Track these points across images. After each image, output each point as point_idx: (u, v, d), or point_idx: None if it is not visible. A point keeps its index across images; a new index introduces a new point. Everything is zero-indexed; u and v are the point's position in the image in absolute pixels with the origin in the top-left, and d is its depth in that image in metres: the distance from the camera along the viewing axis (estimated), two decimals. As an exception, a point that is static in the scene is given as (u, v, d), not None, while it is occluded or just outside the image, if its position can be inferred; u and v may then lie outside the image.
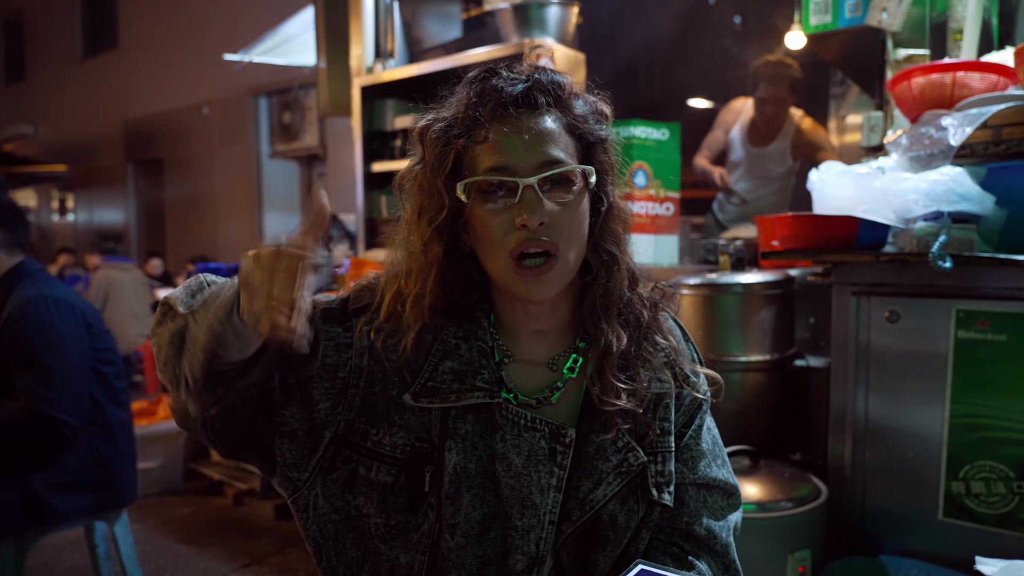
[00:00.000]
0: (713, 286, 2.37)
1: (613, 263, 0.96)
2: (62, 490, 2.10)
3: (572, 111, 0.93)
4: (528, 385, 0.98)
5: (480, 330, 0.97)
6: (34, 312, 2.05)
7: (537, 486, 0.92)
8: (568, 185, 0.90)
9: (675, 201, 3.17)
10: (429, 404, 0.92)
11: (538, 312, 0.97)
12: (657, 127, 3.10)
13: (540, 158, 0.88)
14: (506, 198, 0.88)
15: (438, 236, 0.92)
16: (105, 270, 6.38)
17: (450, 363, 0.94)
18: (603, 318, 0.96)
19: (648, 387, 0.97)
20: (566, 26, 3.12)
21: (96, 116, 12.33)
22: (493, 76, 0.92)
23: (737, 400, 2.35)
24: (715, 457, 1.06)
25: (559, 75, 0.95)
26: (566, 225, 0.89)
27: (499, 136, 0.88)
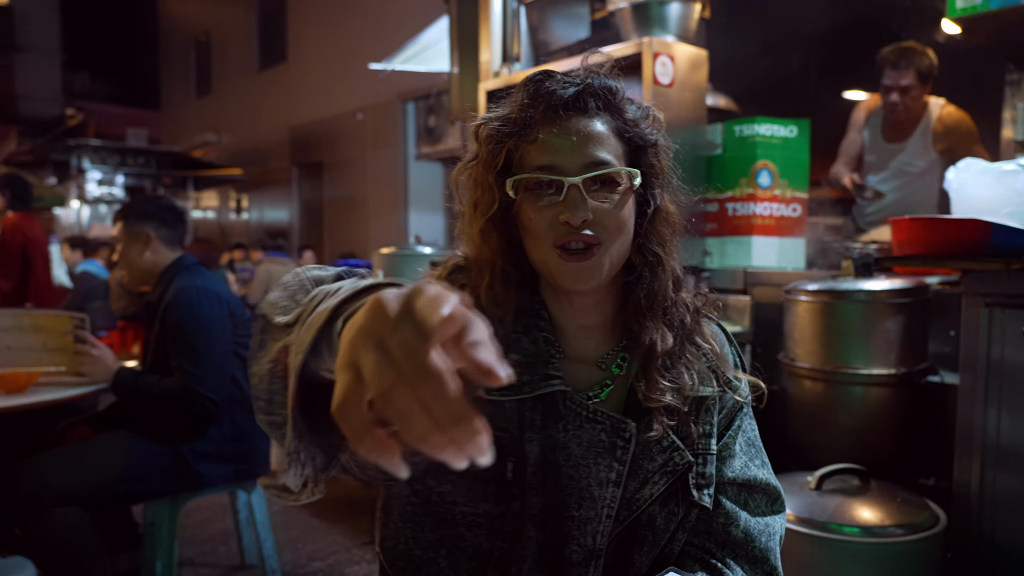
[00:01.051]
0: (833, 293, 2.24)
1: (657, 264, 0.98)
2: (206, 459, 2.37)
3: (622, 115, 0.97)
4: (578, 382, 1.00)
5: (541, 321, 1.00)
6: (187, 301, 2.33)
7: (596, 479, 0.94)
8: (613, 186, 0.93)
9: (803, 202, 3.00)
10: (502, 396, 0.94)
11: (583, 306, 1.00)
12: (784, 124, 2.96)
13: (586, 159, 0.92)
14: (552, 196, 0.93)
15: (492, 227, 0.97)
16: (266, 264, 7.03)
17: (515, 356, 0.96)
18: (648, 317, 0.98)
19: (692, 388, 0.97)
20: (688, 23, 3.05)
21: (267, 124, 13.55)
22: (547, 79, 0.96)
23: (856, 416, 2.20)
24: (753, 458, 1.05)
25: (612, 80, 0.97)
26: (609, 222, 0.92)
27: (548, 136, 0.93)
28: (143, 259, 2.44)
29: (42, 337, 2.35)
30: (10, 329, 2.34)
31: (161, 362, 2.37)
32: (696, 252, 3.02)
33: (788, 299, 2.38)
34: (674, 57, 2.88)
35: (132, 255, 2.44)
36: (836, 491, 1.78)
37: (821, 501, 1.74)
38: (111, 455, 2.22)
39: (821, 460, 2.05)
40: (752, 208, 2.92)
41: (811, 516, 1.69)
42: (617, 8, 3.15)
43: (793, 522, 1.71)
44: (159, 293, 2.42)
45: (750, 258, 2.89)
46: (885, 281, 2.20)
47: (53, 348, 2.35)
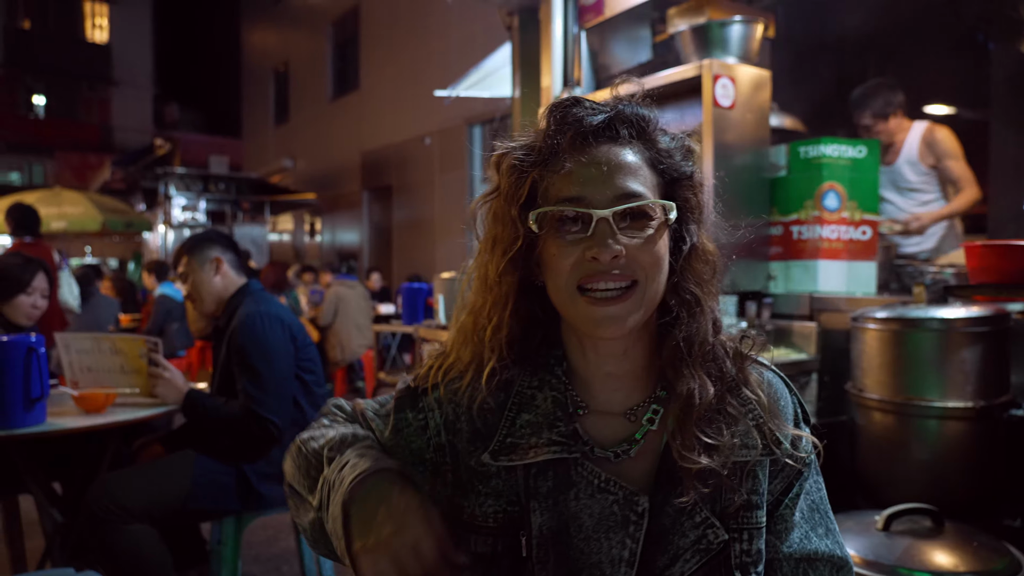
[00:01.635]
0: (904, 320, 2.13)
1: (695, 304, 0.89)
2: (268, 479, 2.44)
3: (656, 145, 0.90)
4: (605, 437, 0.92)
5: (554, 379, 0.93)
6: (251, 326, 2.42)
7: (607, 556, 0.86)
8: (646, 220, 0.85)
9: (873, 224, 2.89)
10: (509, 462, 0.89)
11: (610, 353, 0.91)
12: (853, 144, 2.86)
13: (617, 191, 0.85)
14: (580, 231, 0.85)
15: (512, 267, 0.90)
16: (335, 287, 7.23)
17: (527, 416, 0.91)
18: (685, 364, 0.88)
19: (734, 446, 0.86)
20: (750, 43, 2.99)
21: (340, 149, 14.04)
22: (575, 105, 0.90)
23: (931, 451, 2.08)
24: (816, 526, 0.93)
25: (644, 108, 0.91)
26: (644, 259, 0.85)
27: (576, 166, 0.86)
28: (214, 283, 2.55)
29: (119, 359, 2.48)
30: (91, 352, 2.49)
31: (227, 385, 2.46)
32: (760, 276, 2.93)
33: (856, 327, 2.28)
34: (735, 79, 2.83)
35: (204, 280, 2.55)
36: (906, 532, 1.68)
37: (889, 543, 1.65)
38: (178, 474, 2.31)
39: (892, 498, 1.94)
40: (818, 231, 2.82)
41: (877, 559, 1.59)
42: (677, 31, 3.12)
43: (859, 564, 1.62)
44: (226, 318, 2.52)
45: (816, 283, 2.79)
46: (961, 308, 2.08)
47: (129, 370, 2.48)
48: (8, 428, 2.10)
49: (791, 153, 2.90)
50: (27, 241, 4.64)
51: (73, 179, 18.57)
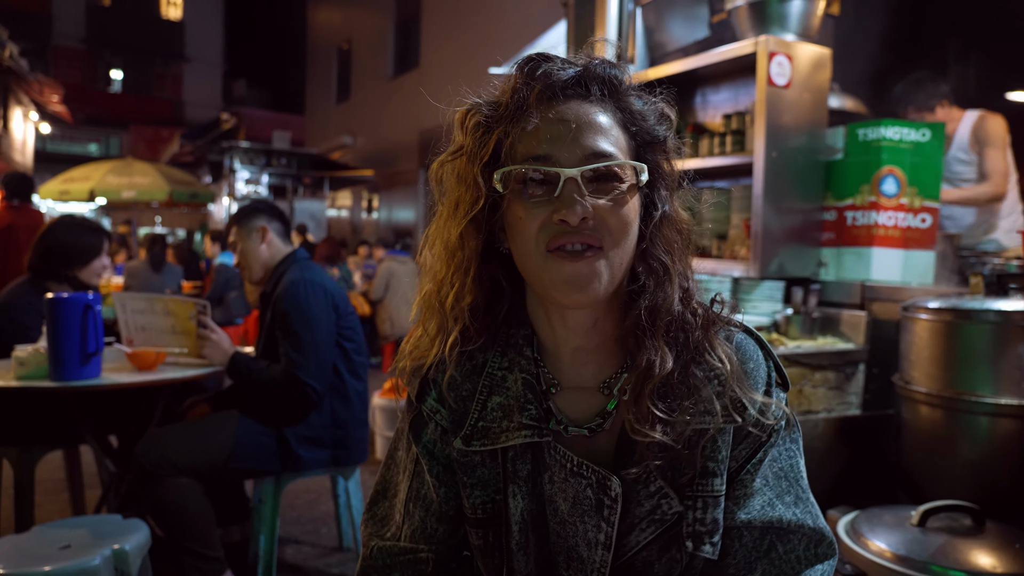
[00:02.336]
0: (957, 312, 2.04)
1: (663, 272, 0.85)
2: (307, 442, 2.51)
3: (628, 106, 0.86)
4: (579, 413, 0.89)
5: (523, 359, 0.89)
6: (295, 292, 2.48)
7: (584, 538, 0.86)
8: (616, 182, 0.81)
9: (933, 212, 2.76)
10: (481, 446, 0.87)
11: (578, 324, 0.87)
12: (916, 127, 2.72)
13: (586, 150, 0.80)
14: (547, 192, 0.81)
15: (475, 230, 0.86)
16: (387, 262, 7.34)
17: (498, 398, 0.88)
18: (648, 334, 0.84)
19: (690, 420, 0.83)
20: (810, 20, 2.87)
21: (398, 127, 14.16)
22: (545, 61, 0.85)
23: (980, 449, 2.00)
24: (782, 494, 0.87)
25: (618, 67, 0.87)
26: (612, 223, 0.81)
27: (543, 123, 0.82)
28: (260, 251, 2.63)
29: (171, 320, 2.58)
30: (145, 312, 2.59)
31: (271, 349, 2.54)
32: (809, 262, 2.84)
33: (906, 316, 2.19)
34: (792, 57, 2.73)
35: (251, 249, 2.63)
36: (943, 530, 1.62)
37: (924, 539, 1.59)
38: (222, 433, 2.40)
39: (935, 495, 1.87)
40: (874, 217, 2.70)
41: (909, 555, 1.54)
42: (734, 6, 3.02)
43: (889, 559, 1.57)
44: (272, 285, 2.59)
45: (869, 271, 2.68)
46: (1020, 301, 1.97)
47: (180, 331, 2.58)
48: (65, 380, 2.22)
49: (849, 135, 2.79)
50: (14, 205, 4.92)
51: (146, 151, 19.34)
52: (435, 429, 0.92)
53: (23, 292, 2.75)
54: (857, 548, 1.66)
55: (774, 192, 2.71)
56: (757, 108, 2.72)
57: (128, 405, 2.74)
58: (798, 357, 2.41)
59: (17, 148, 13.17)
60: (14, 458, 2.58)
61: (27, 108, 12.74)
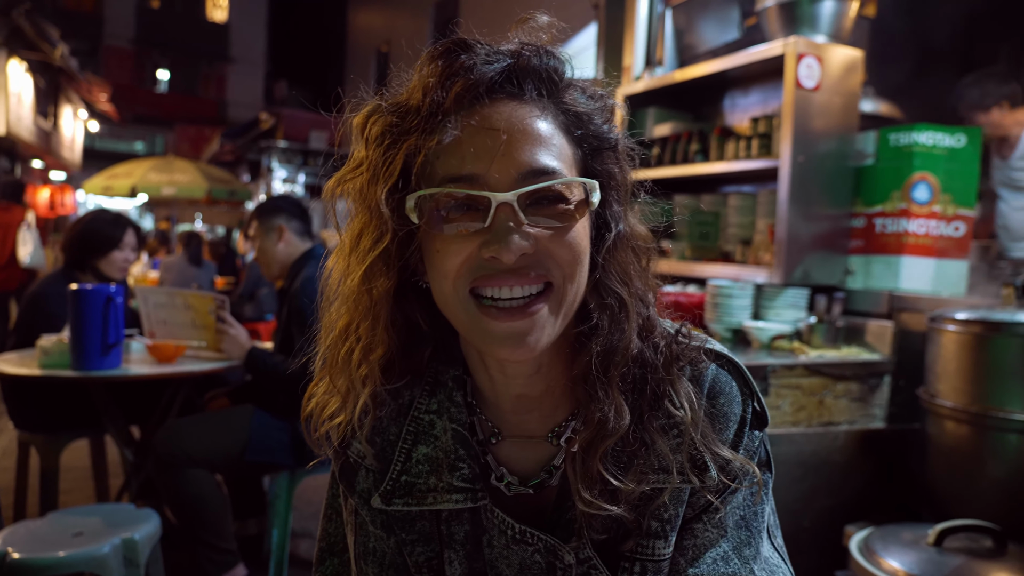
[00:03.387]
0: (987, 324, 1.96)
1: (619, 307, 0.71)
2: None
3: (572, 106, 0.70)
4: (524, 465, 0.77)
5: (453, 406, 0.76)
6: (312, 288, 2.48)
7: None
8: (562, 204, 0.66)
9: (968, 220, 2.66)
10: (405, 506, 0.75)
11: (519, 372, 0.73)
12: (951, 132, 2.63)
13: (523, 166, 0.65)
14: (474, 220, 0.66)
15: (384, 267, 0.70)
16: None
17: (424, 449, 0.76)
18: (600, 383, 0.70)
19: (642, 481, 0.71)
20: (842, 21, 2.80)
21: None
22: (463, 51, 0.68)
23: (1007, 467, 1.91)
24: (740, 546, 0.74)
25: (557, 55, 0.71)
26: (562, 254, 0.66)
27: (466, 134, 0.65)
28: (277, 250, 2.65)
29: (191, 314, 2.62)
30: (166, 305, 2.64)
31: (287, 345, 2.56)
32: (836, 270, 2.76)
33: (933, 327, 2.11)
34: (822, 59, 2.66)
35: (268, 247, 2.66)
36: (961, 551, 1.55)
37: (940, 559, 1.52)
38: (237, 426, 2.43)
39: (960, 514, 1.79)
40: (904, 225, 2.62)
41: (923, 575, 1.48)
42: (764, 7, 2.96)
43: (902, 579, 1.51)
44: (290, 281, 2.62)
45: (898, 280, 2.60)
46: (1055, 314, 1.89)
47: (199, 325, 2.62)
48: (86, 370, 2.26)
49: (880, 140, 2.70)
50: None
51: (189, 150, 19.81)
52: (367, 476, 0.79)
53: (54, 281, 2.82)
54: (869, 566, 1.60)
55: (800, 197, 2.64)
56: (784, 111, 2.66)
57: (149, 396, 2.79)
58: (820, 367, 2.34)
59: (66, 145, 13.60)
60: (41, 445, 2.65)
61: (76, 106, 13.16)
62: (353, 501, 0.80)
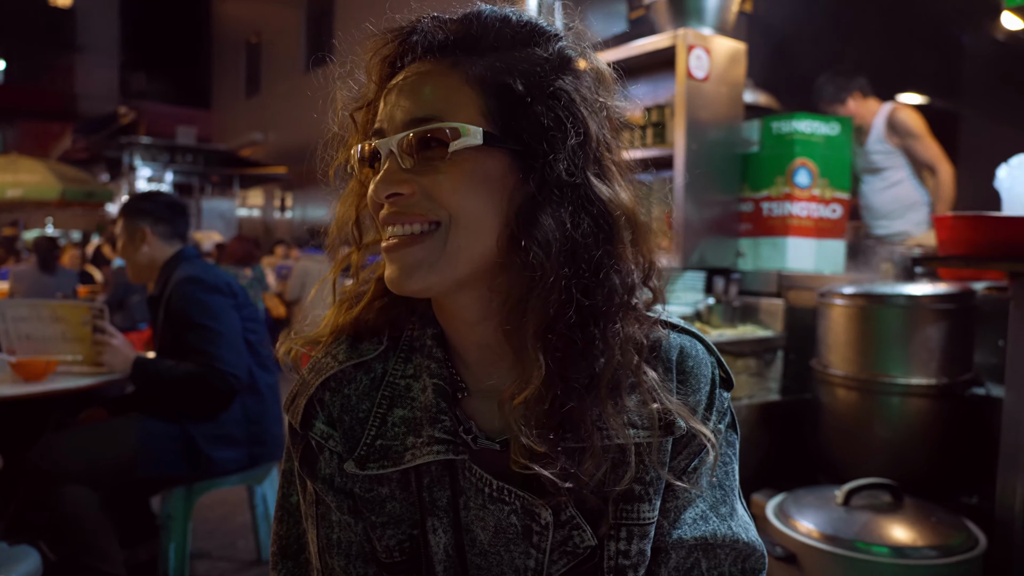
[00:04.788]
0: (870, 297, 2.11)
1: (539, 266, 0.67)
2: (218, 442, 2.35)
3: (495, 54, 0.70)
4: (490, 421, 0.76)
5: (433, 362, 0.76)
6: (191, 288, 2.33)
7: (511, 567, 0.74)
8: (442, 148, 0.67)
9: (844, 203, 2.86)
10: (380, 469, 0.73)
11: (462, 319, 0.74)
12: (825, 121, 2.82)
13: (406, 116, 0.70)
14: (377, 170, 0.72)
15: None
16: (303, 261, 7.09)
17: (400, 411, 0.75)
18: (529, 342, 0.69)
19: (605, 444, 0.70)
20: (726, 15, 2.93)
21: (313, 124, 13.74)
22: (419, 22, 0.74)
23: (894, 428, 2.07)
24: (716, 504, 0.78)
25: (501, 10, 0.72)
26: (442, 195, 0.68)
27: (389, 90, 0.73)
28: (140, 254, 2.46)
29: (61, 327, 2.37)
30: (29, 319, 2.37)
31: (169, 354, 2.36)
32: (729, 253, 2.89)
33: (823, 303, 2.25)
34: (710, 50, 2.77)
35: (130, 251, 2.46)
36: (866, 507, 1.66)
37: (848, 517, 1.63)
38: (121, 436, 2.22)
39: (854, 474, 1.92)
40: (788, 208, 2.78)
41: (836, 533, 1.57)
42: (653, 0, 3.05)
43: (817, 539, 1.60)
44: (161, 287, 2.43)
45: (785, 260, 2.76)
46: (927, 286, 2.06)
47: (72, 337, 2.37)
48: (-64, 394, 1.99)
49: (764, 128, 2.86)
50: None
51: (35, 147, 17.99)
52: (331, 457, 0.76)
53: None
54: (786, 530, 1.68)
55: (694, 184, 2.75)
56: (677, 101, 2.75)
57: (15, 421, 2.49)
58: (721, 345, 2.44)
59: None
60: None
61: None
62: (316, 488, 0.77)
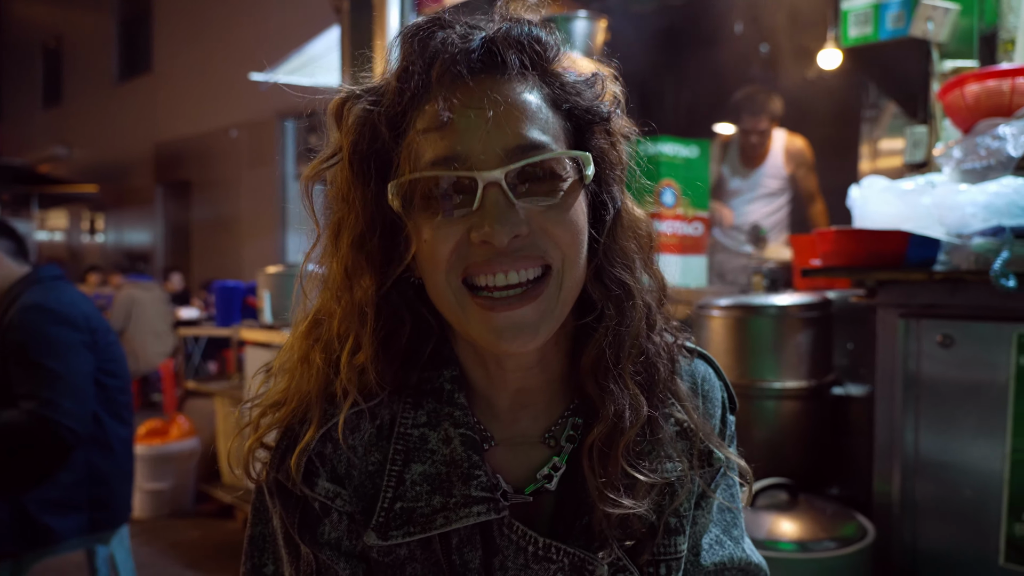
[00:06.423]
0: (746, 308, 2.25)
1: (626, 296, 0.68)
2: (55, 508, 2.01)
3: (558, 78, 0.67)
4: (519, 471, 0.71)
5: (456, 410, 0.69)
6: (34, 318, 1.98)
7: None
8: (555, 180, 0.63)
9: (704, 220, 3.05)
10: (406, 536, 0.66)
11: (518, 366, 0.69)
12: (686, 144, 3.00)
13: (510, 142, 0.61)
14: (462, 203, 0.62)
15: (368, 264, 0.66)
16: (128, 289, 6.39)
17: (419, 467, 0.68)
18: (612, 376, 0.68)
19: (657, 476, 0.69)
20: (594, 41, 3.05)
21: (128, 139, 12.57)
22: (439, 28, 0.64)
23: (771, 429, 2.21)
24: (728, 528, 0.79)
25: (540, 27, 0.68)
26: (560, 233, 0.63)
27: (449, 112, 0.62)
28: None
29: None
30: None
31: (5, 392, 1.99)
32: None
33: (700, 314, 2.37)
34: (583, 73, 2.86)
35: None
36: (769, 507, 1.75)
37: (755, 519, 1.70)
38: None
39: (739, 477, 2.03)
40: (657, 226, 2.92)
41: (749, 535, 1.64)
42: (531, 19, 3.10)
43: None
44: (2, 311, 2.05)
45: (656, 276, 2.89)
46: (794, 296, 2.24)
47: None
48: None
49: (631, 150, 2.99)
50: None
51: None
52: (339, 519, 0.68)
53: None
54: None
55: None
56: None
57: None
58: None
59: None
60: None
61: None
62: (319, 557, 0.67)
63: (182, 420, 4.21)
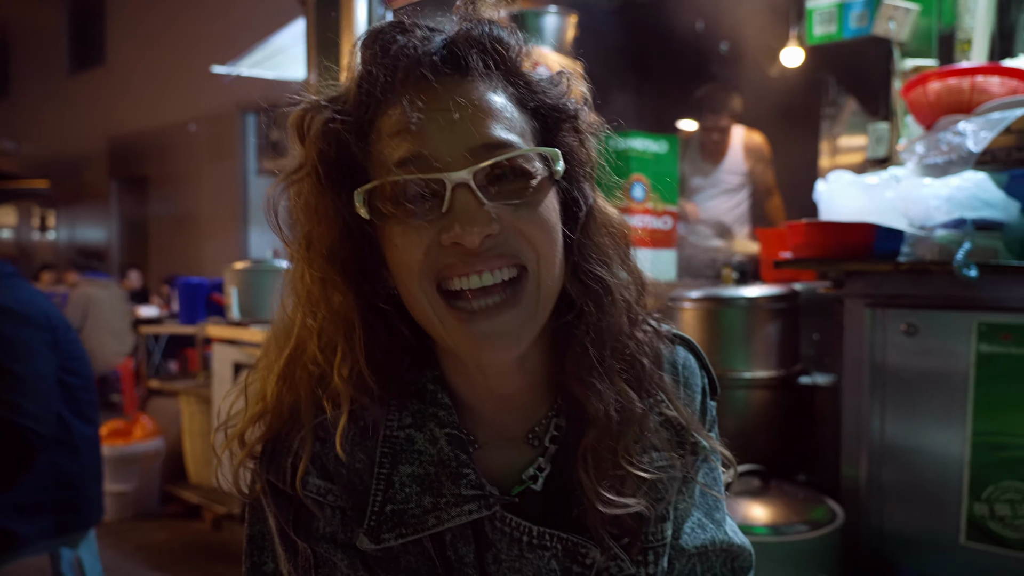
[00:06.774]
0: (717, 300, 2.29)
1: (604, 291, 0.68)
2: (20, 513, 1.95)
3: (523, 76, 0.67)
4: (503, 471, 0.71)
5: (441, 410, 0.69)
6: (-2, 318, 1.92)
7: None
8: (524, 178, 0.62)
9: (673, 215, 3.10)
10: (399, 538, 0.66)
11: (501, 371, 0.68)
12: (655, 139, 3.03)
13: (476, 141, 0.61)
14: (431, 208, 0.61)
15: (343, 276, 0.65)
16: (84, 287, 6.21)
17: (408, 468, 0.68)
18: (598, 374, 0.68)
19: (655, 472, 0.70)
20: (563, 36, 3.07)
21: (80, 133, 12.19)
22: (400, 32, 0.64)
23: (742, 418, 2.26)
24: (710, 511, 0.80)
25: (501, 26, 0.67)
26: (533, 232, 0.62)
27: (413, 114, 0.61)
28: None
29: None
30: None
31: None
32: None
33: (674, 306, 2.41)
34: (551, 68, 2.87)
35: None
36: (741, 493, 1.80)
37: (729, 505, 1.73)
38: None
39: (711, 465, 2.08)
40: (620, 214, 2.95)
41: (724, 522, 1.68)
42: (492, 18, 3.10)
43: (705, 529, 1.69)
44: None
45: (627, 269, 2.92)
46: (763, 288, 2.29)
47: None
48: None
49: (602, 145, 3.02)
50: None
51: None
52: (333, 514, 0.68)
53: None
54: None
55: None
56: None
57: None
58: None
59: None
60: None
61: None
62: (317, 551, 0.67)
63: (145, 420, 4.12)
